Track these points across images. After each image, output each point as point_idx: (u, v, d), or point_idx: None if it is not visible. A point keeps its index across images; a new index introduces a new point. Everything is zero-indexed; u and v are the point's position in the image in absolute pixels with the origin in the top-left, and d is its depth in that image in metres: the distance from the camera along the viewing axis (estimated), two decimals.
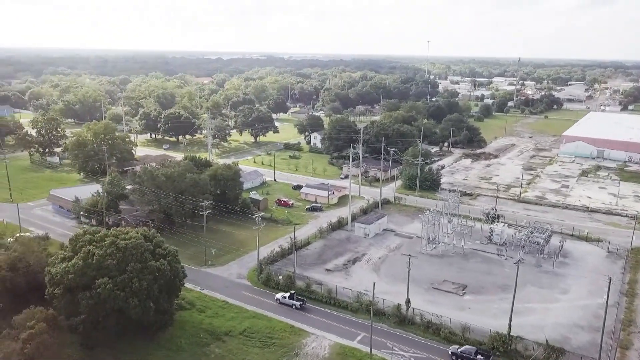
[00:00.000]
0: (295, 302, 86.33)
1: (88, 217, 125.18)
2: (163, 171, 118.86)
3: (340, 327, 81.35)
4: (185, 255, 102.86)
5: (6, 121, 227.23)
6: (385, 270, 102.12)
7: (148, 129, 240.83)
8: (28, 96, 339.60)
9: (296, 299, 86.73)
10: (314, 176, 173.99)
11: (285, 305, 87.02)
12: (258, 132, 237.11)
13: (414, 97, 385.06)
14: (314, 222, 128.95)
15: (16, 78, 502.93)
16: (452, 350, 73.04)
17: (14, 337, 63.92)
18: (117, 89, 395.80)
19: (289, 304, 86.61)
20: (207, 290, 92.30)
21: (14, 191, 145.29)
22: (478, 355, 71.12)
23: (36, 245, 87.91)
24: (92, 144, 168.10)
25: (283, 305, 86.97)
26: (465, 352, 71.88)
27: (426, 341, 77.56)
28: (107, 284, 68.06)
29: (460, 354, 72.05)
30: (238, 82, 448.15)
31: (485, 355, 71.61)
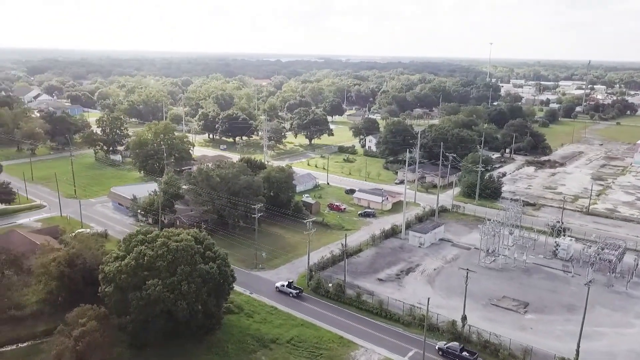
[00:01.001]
0: (292, 290, 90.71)
1: (145, 216, 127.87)
2: (217, 172, 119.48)
3: (391, 341, 77.90)
4: (236, 257, 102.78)
5: (75, 120, 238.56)
6: (440, 282, 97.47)
7: (206, 130, 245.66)
8: (97, 96, 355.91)
9: (293, 288, 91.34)
10: (367, 180, 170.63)
11: (283, 293, 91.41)
12: (313, 135, 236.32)
13: (474, 100, 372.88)
14: (366, 228, 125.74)
15: (87, 79, 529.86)
16: (439, 346, 74.68)
17: (67, 333, 65.00)
18: (179, 90, 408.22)
19: (286, 292, 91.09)
20: (256, 295, 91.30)
21: (78, 187, 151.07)
22: (464, 352, 72.53)
23: (93, 242, 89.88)
24: (152, 143, 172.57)
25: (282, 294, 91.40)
26: (452, 348, 73.50)
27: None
28: (157, 285, 68.07)
29: (447, 349, 73.53)
30: (295, 84, 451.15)
31: (471, 352, 72.93)
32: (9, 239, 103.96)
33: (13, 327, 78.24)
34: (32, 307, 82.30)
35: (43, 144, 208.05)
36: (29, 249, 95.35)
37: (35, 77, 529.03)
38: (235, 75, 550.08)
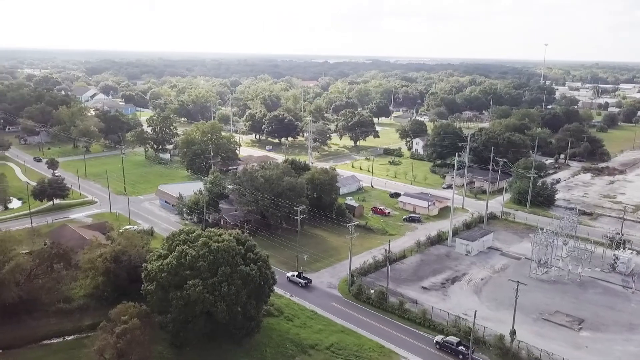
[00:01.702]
0: (301, 280, 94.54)
1: (190, 214, 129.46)
2: (262, 173, 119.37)
3: (434, 353, 74.86)
4: (277, 259, 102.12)
5: (128, 119, 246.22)
6: (487, 293, 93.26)
7: (253, 130, 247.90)
8: (149, 96, 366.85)
9: (302, 278, 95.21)
10: (413, 184, 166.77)
11: (293, 282, 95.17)
12: (358, 136, 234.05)
13: (527, 103, 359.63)
14: (411, 233, 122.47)
15: (141, 79, 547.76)
16: (437, 340, 76.04)
17: (110, 329, 65.76)
18: (227, 91, 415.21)
19: (296, 282, 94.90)
20: (296, 298, 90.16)
21: (128, 185, 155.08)
22: (460, 347, 73.31)
23: (139, 239, 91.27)
24: (199, 142, 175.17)
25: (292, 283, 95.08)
26: (448, 342, 74.65)
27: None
28: (197, 285, 67.94)
29: (444, 342, 74.92)
30: (342, 85, 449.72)
31: (466, 346, 73.43)
32: (61, 233, 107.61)
33: (60, 320, 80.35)
34: (79, 301, 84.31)
35: (97, 141, 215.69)
36: (79, 243, 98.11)
37: (93, 77, 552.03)
38: (283, 77, 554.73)
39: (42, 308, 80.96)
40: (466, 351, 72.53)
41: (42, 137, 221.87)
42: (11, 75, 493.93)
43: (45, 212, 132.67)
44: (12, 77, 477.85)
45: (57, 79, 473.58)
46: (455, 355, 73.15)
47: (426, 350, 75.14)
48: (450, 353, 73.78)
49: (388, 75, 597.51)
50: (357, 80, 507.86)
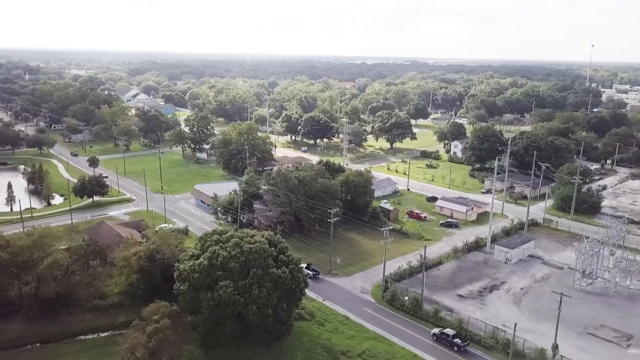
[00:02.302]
0: (309, 272, 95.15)
1: (224, 214, 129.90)
2: (295, 174, 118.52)
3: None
4: (309, 261, 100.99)
5: (167, 118, 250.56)
6: (527, 303, 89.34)
7: (289, 131, 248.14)
8: (188, 96, 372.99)
9: (311, 270, 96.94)
10: (451, 188, 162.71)
11: None
12: (395, 138, 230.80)
13: (571, 107, 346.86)
14: (448, 239, 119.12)
15: (181, 80, 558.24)
16: (434, 332, 77.78)
17: (142, 328, 65.96)
18: (264, 92, 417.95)
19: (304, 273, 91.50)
20: (328, 302, 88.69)
21: (165, 183, 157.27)
22: (456, 339, 75.08)
23: (173, 238, 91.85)
24: (235, 142, 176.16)
25: None
26: (445, 334, 76.39)
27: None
28: (228, 287, 67.40)
29: (440, 334, 76.62)
30: (379, 86, 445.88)
31: (462, 339, 75.35)
32: (99, 230, 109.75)
33: (95, 316, 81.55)
34: (113, 298, 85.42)
35: (137, 140, 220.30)
36: (115, 241, 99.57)
37: (136, 77, 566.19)
38: (320, 78, 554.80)
39: (78, 304, 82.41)
40: (461, 343, 74.68)
41: (85, 135, 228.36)
42: (58, 76, 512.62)
43: (85, 208, 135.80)
44: (59, 77, 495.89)
45: (101, 79, 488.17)
46: (451, 347, 75.17)
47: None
48: (446, 344, 75.71)
49: (426, 76, 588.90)
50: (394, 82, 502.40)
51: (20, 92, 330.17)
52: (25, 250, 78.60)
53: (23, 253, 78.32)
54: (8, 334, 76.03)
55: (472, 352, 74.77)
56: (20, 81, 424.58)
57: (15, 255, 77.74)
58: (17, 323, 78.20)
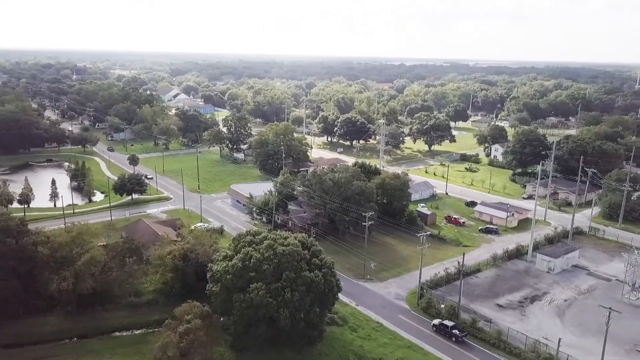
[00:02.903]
0: None
1: (259, 214, 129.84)
2: (330, 176, 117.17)
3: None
4: (343, 265, 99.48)
5: (205, 118, 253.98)
6: (572, 317, 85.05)
7: (325, 132, 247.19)
8: (227, 96, 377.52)
9: None
10: (491, 193, 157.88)
11: None
12: (433, 141, 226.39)
13: (619, 110, 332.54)
14: (487, 246, 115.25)
15: (221, 80, 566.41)
16: (434, 323, 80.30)
17: (174, 328, 65.96)
18: (302, 92, 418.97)
19: None
20: (362, 307, 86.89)
21: (202, 182, 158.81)
22: (454, 330, 77.72)
23: (207, 238, 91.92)
24: (272, 143, 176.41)
25: None
26: (444, 325, 79.10)
27: None
28: (260, 289, 66.62)
29: (440, 325, 79.46)
30: (418, 88, 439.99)
31: (461, 330, 78.07)
32: (136, 228, 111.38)
33: (130, 313, 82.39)
34: (148, 296, 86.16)
35: (176, 139, 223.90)
36: (151, 239, 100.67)
37: (177, 77, 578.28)
38: (358, 79, 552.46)
39: (114, 300, 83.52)
40: (459, 334, 77.33)
41: (126, 134, 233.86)
42: (104, 76, 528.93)
43: (124, 206, 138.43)
44: (104, 77, 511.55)
45: (143, 80, 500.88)
46: (449, 337, 77.81)
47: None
48: (445, 335, 78.44)
49: (466, 78, 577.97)
50: (433, 83, 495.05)
51: (68, 92, 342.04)
52: (65, 246, 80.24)
53: (62, 249, 79.98)
54: (47, 328, 77.69)
55: (469, 343, 77.25)
56: (67, 81, 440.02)
57: (55, 250, 79.47)
58: (56, 317, 79.80)
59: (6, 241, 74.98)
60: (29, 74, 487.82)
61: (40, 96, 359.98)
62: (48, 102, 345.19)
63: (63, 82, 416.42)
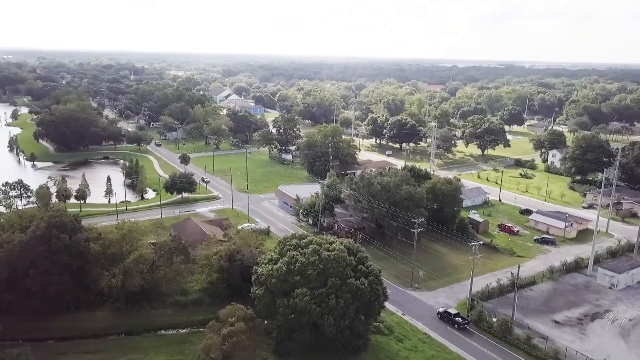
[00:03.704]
0: None
1: (306, 216, 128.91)
2: (379, 179, 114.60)
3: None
4: (390, 272, 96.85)
5: (255, 119, 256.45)
6: (637, 338, 78.95)
7: (374, 134, 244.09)
8: (277, 97, 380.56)
9: None
10: (548, 201, 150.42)
11: None
12: (486, 145, 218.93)
13: None
14: (542, 257, 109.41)
15: (271, 81, 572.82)
16: (439, 310, 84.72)
17: (217, 330, 65.64)
18: (351, 94, 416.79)
19: None
20: (408, 317, 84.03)
21: (250, 183, 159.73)
22: (457, 318, 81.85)
23: (253, 239, 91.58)
24: (320, 145, 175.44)
25: None
26: (448, 312, 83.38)
27: None
28: (304, 295, 65.26)
29: (444, 312, 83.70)
30: (471, 90, 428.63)
31: (463, 318, 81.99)
32: (184, 226, 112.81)
33: (176, 312, 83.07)
34: (193, 295, 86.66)
35: (226, 140, 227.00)
36: (199, 238, 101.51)
37: (229, 78, 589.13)
38: (408, 81, 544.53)
39: (160, 298, 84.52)
40: (462, 321, 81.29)
41: (179, 133, 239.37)
42: (160, 76, 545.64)
43: (174, 204, 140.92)
44: (160, 77, 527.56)
45: (197, 80, 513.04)
46: (452, 324, 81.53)
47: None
48: (449, 322, 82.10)
49: (522, 80, 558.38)
50: (487, 86, 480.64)
51: (125, 92, 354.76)
52: (115, 243, 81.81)
53: (113, 246, 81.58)
54: (96, 323, 79.39)
55: (470, 330, 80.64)
56: (126, 81, 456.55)
57: (106, 247, 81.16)
58: (105, 312, 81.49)
59: (60, 237, 77.11)
60: (91, 75, 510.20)
61: (100, 96, 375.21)
62: (107, 101, 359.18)
63: (121, 82, 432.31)
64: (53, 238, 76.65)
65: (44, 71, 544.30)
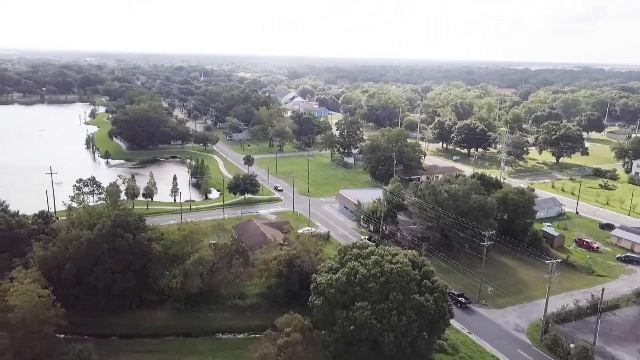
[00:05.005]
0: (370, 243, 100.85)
1: (367, 222, 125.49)
2: (446, 187, 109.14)
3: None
4: (455, 286, 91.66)
5: (319, 122, 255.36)
6: None
7: (440, 139, 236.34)
8: (341, 100, 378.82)
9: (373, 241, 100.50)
10: (632, 215, 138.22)
11: None
12: (562, 152, 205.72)
13: None
14: (626, 278, 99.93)
15: (336, 84, 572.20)
16: None
17: (273, 339, 63.87)
18: (417, 97, 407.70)
19: None
20: (475, 336, 78.66)
21: (311, 186, 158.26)
22: (460, 297, 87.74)
23: (313, 245, 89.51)
24: (384, 149, 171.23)
25: None
26: (452, 294, 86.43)
27: None
28: (365, 309, 62.10)
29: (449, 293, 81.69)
30: (545, 94, 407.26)
31: (466, 298, 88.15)
32: (246, 228, 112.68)
33: (233, 315, 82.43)
34: (251, 299, 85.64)
35: (289, 142, 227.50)
36: (259, 240, 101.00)
37: (294, 81, 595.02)
38: (477, 84, 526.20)
39: (219, 301, 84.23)
40: (464, 301, 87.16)
41: (244, 134, 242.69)
42: (227, 78, 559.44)
43: (236, 205, 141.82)
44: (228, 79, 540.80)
45: (263, 82, 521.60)
46: (455, 304, 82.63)
47: None
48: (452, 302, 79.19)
49: (601, 84, 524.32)
50: (562, 89, 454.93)
51: (195, 92, 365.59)
52: (177, 244, 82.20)
53: (174, 246, 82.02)
54: (156, 322, 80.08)
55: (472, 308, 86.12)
56: (196, 82, 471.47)
57: (168, 248, 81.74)
58: (165, 312, 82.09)
59: (124, 236, 78.39)
60: (164, 76, 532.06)
61: (171, 96, 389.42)
62: (177, 101, 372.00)
63: (191, 84, 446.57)
64: (117, 237, 78.06)
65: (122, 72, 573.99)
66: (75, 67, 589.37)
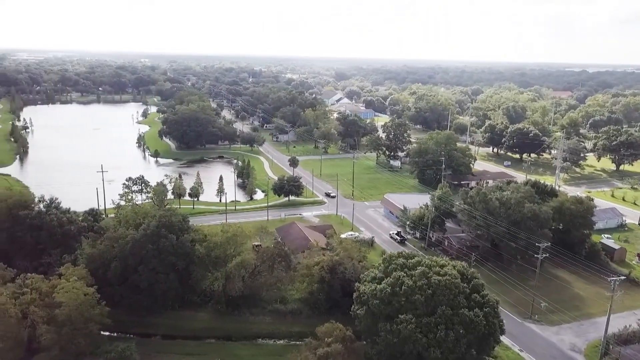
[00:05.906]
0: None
1: (413, 229, 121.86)
2: (498, 195, 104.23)
3: None
4: (505, 299, 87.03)
5: (365, 124, 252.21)
6: None
7: (491, 143, 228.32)
8: (388, 102, 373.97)
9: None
10: None
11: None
12: (623, 160, 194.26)
13: None
14: None
15: (383, 85, 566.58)
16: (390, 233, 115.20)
17: (313, 349, 62.06)
18: (467, 99, 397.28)
19: (394, 238, 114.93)
20: (526, 354, 74.17)
21: (356, 189, 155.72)
22: (397, 235, 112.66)
23: (356, 251, 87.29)
24: (432, 153, 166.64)
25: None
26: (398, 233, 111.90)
27: None
28: (410, 322, 59.32)
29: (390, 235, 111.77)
30: (604, 98, 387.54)
31: (401, 236, 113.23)
32: (289, 230, 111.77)
33: (274, 320, 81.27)
34: (293, 305, 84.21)
35: (334, 144, 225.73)
36: (302, 244, 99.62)
37: (341, 82, 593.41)
38: (530, 86, 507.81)
39: (260, 305, 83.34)
40: (399, 238, 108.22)
41: (290, 135, 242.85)
42: (275, 79, 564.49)
43: (280, 207, 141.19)
44: (275, 80, 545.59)
45: (310, 83, 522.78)
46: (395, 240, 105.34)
47: None
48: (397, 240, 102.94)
49: None
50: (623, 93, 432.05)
51: (243, 93, 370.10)
52: (220, 246, 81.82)
53: (217, 248, 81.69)
54: (197, 324, 79.97)
55: None
56: (244, 83, 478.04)
57: (210, 250, 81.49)
58: (206, 314, 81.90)
59: (168, 237, 78.65)
60: (213, 77, 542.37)
61: (219, 97, 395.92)
62: (225, 102, 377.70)
63: (240, 85, 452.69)
64: (161, 238, 78.41)
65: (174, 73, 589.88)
66: (130, 68, 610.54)
